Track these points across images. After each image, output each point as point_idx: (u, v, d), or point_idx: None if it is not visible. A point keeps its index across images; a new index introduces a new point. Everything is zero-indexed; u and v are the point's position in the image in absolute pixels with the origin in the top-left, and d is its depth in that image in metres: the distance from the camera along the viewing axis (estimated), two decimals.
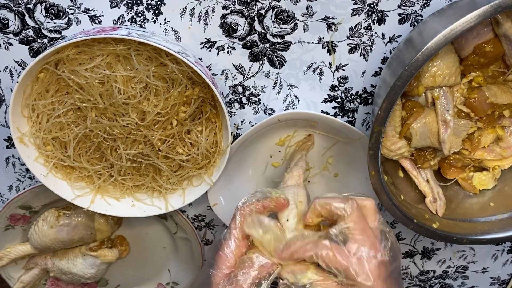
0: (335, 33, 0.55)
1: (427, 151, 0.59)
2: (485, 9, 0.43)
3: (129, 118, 0.53)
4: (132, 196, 0.61)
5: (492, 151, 0.59)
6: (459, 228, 0.59)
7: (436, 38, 0.45)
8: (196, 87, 0.54)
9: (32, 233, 0.68)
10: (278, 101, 0.60)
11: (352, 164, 0.63)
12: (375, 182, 0.54)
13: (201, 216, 0.71)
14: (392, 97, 0.48)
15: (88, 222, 0.68)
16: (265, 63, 0.57)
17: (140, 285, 0.80)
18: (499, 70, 0.54)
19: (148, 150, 0.56)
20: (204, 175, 0.59)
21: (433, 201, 0.60)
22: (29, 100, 0.53)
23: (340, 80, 0.59)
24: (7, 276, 0.74)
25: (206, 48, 0.56)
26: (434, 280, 0.80)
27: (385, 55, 0.57)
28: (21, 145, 0.55)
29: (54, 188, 0.58)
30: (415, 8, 0.53)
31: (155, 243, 0.76)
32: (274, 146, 0.63)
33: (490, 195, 0.62)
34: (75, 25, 0.55)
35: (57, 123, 0.55)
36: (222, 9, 0.54)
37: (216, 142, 0.57)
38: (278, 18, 0.54)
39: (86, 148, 0.57)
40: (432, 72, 0.52)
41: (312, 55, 0.57)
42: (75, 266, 0.71)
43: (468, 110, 0.55)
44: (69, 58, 0.51)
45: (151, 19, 0.55)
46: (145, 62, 0.52)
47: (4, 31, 0.55)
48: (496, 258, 0.77)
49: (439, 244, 0.75)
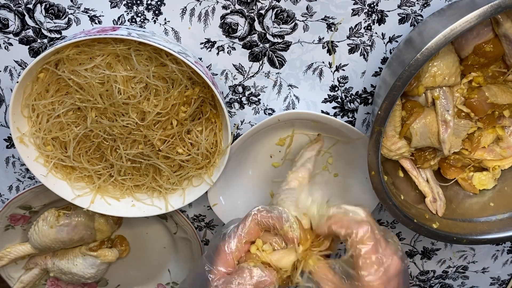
0: (335, 33, 0.55)
1: (427, 151, 0.59)
2: (485, 9, 0.43)
3: (129, 118, 0.53)
4: (132, 196, 0.61)
5: (492, 151, 0.59)
6: (459, 228, 0.59)
7: (436, 38, 0.45)
8: (196, 87, 0.54)
9: (32, 233, 0.68)
10: (278, 101, 0.60)
11: (352, 164, 0.63)
12: (375, 182, 0.54)
13: (201, 216, 0.71)
14: (392, 97, 0.48)
15: (88, 222, 0.68)
16: (265, 63, 0.57)
17: (140, 285, 0.80)
18: (499, 70, 0.54)
19: (148, 150, 0.56)
20: (204, 175, 0.59)
21: (433, 201, 0.60)
22: (29, 100, 0.53)
23: (340, 80, 0.59)
24: (7, 276, 0.74)
25: (206, 48, 0.56)
26: (434, 280, 0.80)
27: (385, 55, 0.57)
28: (21, 145, 0.55)
29: (54, 188, 0.58)
30: (415, 8, 0.53)
31: (155, 243, 0.76)
32: (274, 146, 0.63)
33: (490, 195, 0.62)
34: (75, 25, 0.55)
35: (57, 123, 0.55)
36: (222, 9, 0.54)
37: (216, 142, 0.57)
38: (278, 18, 0.54)
39: (86, 148, 0.57)
40: (432, 72, 0.52)
41: (312, 55, 0.57)
42: (75, 266, 0.71)
43: (468, 110, 0.55)
44: (69, 58, 0.51)
45: (151, 19, 0.55)
46: (145, 62, 0.52)
47: (4, 31, 0.55)
48: (496, 258, 0.77)
49: (439, 244, 0.75)
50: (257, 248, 0.46)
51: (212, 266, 0.45)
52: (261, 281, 0.44)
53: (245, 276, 0.44)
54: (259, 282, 0.44)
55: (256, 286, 0.44)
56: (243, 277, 0.44)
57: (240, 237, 0.46)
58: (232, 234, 0.46)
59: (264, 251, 0.46)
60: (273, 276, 0.44)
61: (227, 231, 0.47)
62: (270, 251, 0.46)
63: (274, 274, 0.45)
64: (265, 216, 0.46)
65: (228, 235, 0.47)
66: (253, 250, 0.47)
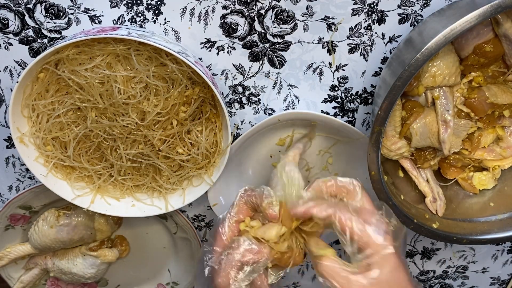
0: (335, 33, 0.55)
1: (427, 151, 0.59)
2: (485, 9, 0.43)
3: (129, 118, 0.53)
4: (132, 196, 0.61)
5: (492, 151, 0.59)
6: (459, 228, 0.59)
7: (436, 38, 0.45)
8: (196, 87, 0.54)
9: (32, 233, 0.68)
10: (278, 101, 0.60)
11: (352, 164, 0.63)
12: (375, 182, 0.54)
13: (201, 216, 0.71)
14: (392, 97, 0.48)
15: (88, 222, 0.68)
16: (265, 63, 0.57)
17: (140, 285, 0.80)
18: (499, 70, 0.54)
19: (148, 150, 0.56)
20: (204, 175, 0.59)
21: (433, 201, 0.60)
22: (29, 100, 0.53)
23: (340, 80, 0.59)
24: (7, 276, 0.74)
25: (206, 48, 0.56)
26: (434, 280, 0.80)
27: (385, 55, 0.57)
28: (21, 145, 0.55)
29: (54, 188, 0.58)
30: (415, 8, 0.53)
31: (155, 243, 0.76)
32: (274, 146, 0.63)
33: (490, 195, 0.62)
34: (75, 25, 0.55)
35: (57, 123, 0.55)
36: (222, 9, 0.54)
37: (216, 142, 0.57)
38: (278, 18, 0.54)
39: (86, 148, 0.57)
40: (432, 72, 0.52)
41: (312, 55, 0.57)
42: (75, 266, 0.71)
43: (468, 110, 0.55)
44: (69, 58, 0.51)
45: (151, 19, 0.55)
46: (145, 62, 0.52)
47: (4, 31, 0.55)
48: (496, 258, 0.77)
49: (439, 244, 0.75)
50: (246, 226, 0.48)
51: (209, 247, 0.47)
52: (248, 249, 0.44)
53: (234, 246, 0.45)
54: (246, 250, 0.44)
55: (244, 255, 0.44)
56: (232, 247, 0.45)
57: (230, 217, 0.48)
58: (225, 217, 0.48)
59: (252, 227, 0.47)
60: (263, 247, 0.45)
61: (223, 215, 0.49)
62: (257, 227, 0.47)
63: (265, 246, 0.45)
64: (250, 195, 0.48)
65: (223, 218, 0.48)
66: (242, 227, 0.48)
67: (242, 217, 0.48)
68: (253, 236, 0.46)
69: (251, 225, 0.47)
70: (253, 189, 0.49)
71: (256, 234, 0.46)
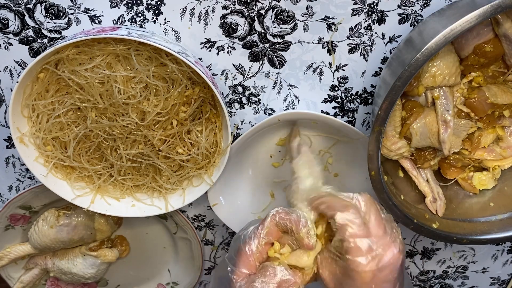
0: (335, 33, 0.55)
1: (427, 151, 0.59)
2: (485, 9, 0.43)
3: (129, 118, 0.53)
4: (132, 196, 0.61)
5: (492, 151, 0.59)
6: (459, 228, 0.59)
7: (436, 38, 0.45)
8: (196, 87, 0.54)
9: (32, 233, 0.68)
10: (278, 101, 0.60)
11: (352, 164, 0.63)
12: (375, 182, 0.54)
13: (201, 216, 0.71)
14: (392, 97, 0.48)
15: (88, 222, 0.68)
16: (265, 63, 0.57)
17: (140, 285, 0.80)
18: (499, 70, 0.54)
19: (148, 150, 0.56)
20: (204, 175, 0.59)
21: (433, 201, 0.60)
22: (29, 100, 0.53)
23: (340, 80, 0.59)
24: (7, 276, 0.74)
25: (206, 48, 0.56)
26: (434, 280, 0.80)
27: (385, 55, 0.57)
28: (21, 145, 0.55)
29: (54, 188, 0.58)
30: (415, 8, 0.53)
31: (155, 243, 0.76)
32: (274, 146, 0.63)
33: (490, 195, 0.62)
34: (75, 25, 0.55)
35: (57, 123, 0.55)
36: (222, 9, 0.54)
37: (216, 142, 0.57)
38: (278, 18, 0.54)
39: (86, 148, 0.57)
40: (432, 72, 0.52)
41: (312, 55, 0.57)
42: (75, 266, 0.71)
43: (468, 110, 0.55)
44: (69, 58, 0.51)
45: (151, 19, 0.55)
46: (145, 62, 0.52)
47: (4, 31, 0.55)
48: (496, 258, 0.77)
49: (439, 244, 0.75)
50: (275, 252, 0.46)
51: (234, 267, 0.45)
52: (284, 280, 0.43)
53: (268, 275, 0.43)
54: (282, 281, 0.43)
55: (279, 285, 0.43)
56: (266, 275, 0.43)
57: (259, 238, 0.45)
58: (252, 235, 0.46)
59: (282, 254, 0.46)
60: (297, 277, 0.44)
61: (247, 233, 0.47)
62: (287, 254, 0.46)
63: (298, 275, 0.44)
64: (284, 218, 0.46)
65: (249, 236, 0.46)
66: (271, 253, 0.46)
67: (272, 238, 0.46)
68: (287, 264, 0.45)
69: (281, 252, 0.46)
70: (286, 212, 0.46)
71: (290, 262, 0.45)
